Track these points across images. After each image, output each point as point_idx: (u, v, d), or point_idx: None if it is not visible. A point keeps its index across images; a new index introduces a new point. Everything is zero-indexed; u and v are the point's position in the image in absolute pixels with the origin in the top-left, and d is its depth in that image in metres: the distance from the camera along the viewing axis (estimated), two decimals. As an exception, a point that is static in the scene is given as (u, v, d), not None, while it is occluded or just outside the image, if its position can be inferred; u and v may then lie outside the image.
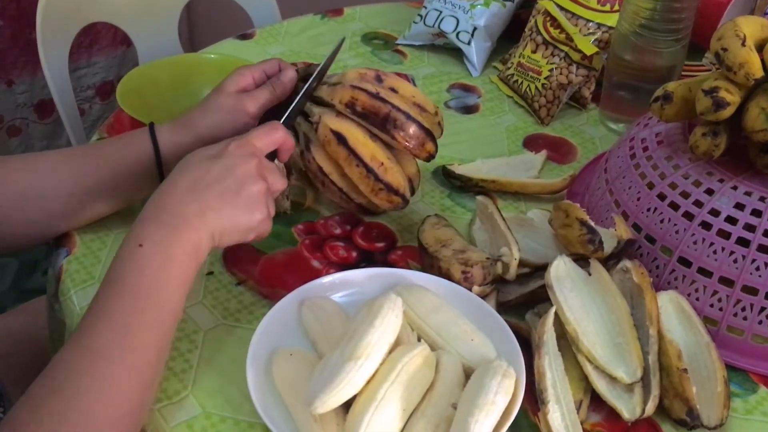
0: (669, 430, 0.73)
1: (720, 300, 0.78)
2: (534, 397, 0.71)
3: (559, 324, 0.74)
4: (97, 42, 2.13)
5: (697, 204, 0.79)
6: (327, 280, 0.81)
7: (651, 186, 0.83)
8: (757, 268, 0.76)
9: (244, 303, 0.83)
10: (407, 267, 0.87)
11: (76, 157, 0.84)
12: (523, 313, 0.80)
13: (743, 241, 0.76)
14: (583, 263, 0.79)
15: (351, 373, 0.66)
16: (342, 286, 0.81)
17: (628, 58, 1.03)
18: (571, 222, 0.79)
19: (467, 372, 0.71)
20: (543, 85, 1.10)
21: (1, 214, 0.81)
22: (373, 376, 0.67)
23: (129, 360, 0.65)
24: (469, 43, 1.20)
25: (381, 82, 0.86)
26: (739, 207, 0.77)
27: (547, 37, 1.12)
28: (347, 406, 0.67)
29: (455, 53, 1.24)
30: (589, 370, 0.72)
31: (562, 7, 1.12)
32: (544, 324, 0.73)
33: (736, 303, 0.77)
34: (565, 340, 0.74)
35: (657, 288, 0.79)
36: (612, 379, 0.72)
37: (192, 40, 2.20)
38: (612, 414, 0.72)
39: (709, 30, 0.84)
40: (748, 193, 0.78)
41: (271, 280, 0.85)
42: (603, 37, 1.09)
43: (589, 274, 0.78)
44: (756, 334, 0.78)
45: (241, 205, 0.72)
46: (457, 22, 1.21)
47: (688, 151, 0.82)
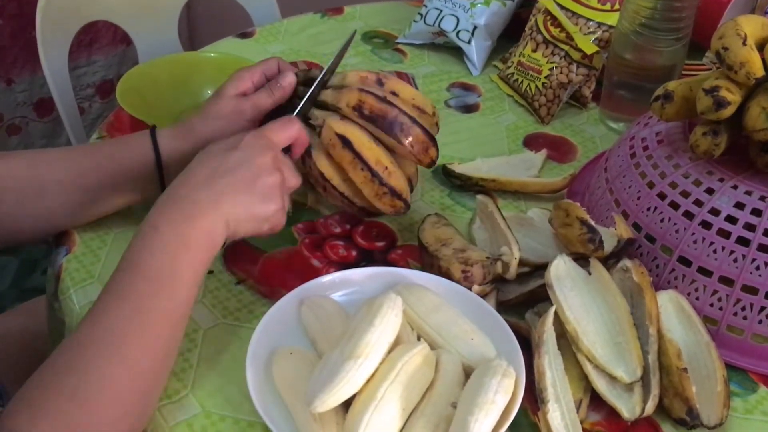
0: (669, 429, 0.73)
1: (720, 299, 0.78)
2: (534, 396, 0.71)
3: (558, 323, 0.74)
4: (96, 40, 2.13)
5: (697, 203, 0.79)
6: (327, 279, 0.81)
7: (651, 185, 0.82)
8: (757, 268, 0.76)
9: (243, 302, 0.83)
10: (407, 266, 0.87)
11: (77, 155, 0.84)
12: (523, 312, 0.80)
13: (743, 241, 0.76)
14: (583, 262, 0.79)
15: (351, 372, 0.66)
16: (342, 285, 0.81)
17: (628, 57, 1.03)
18: (571, 221, 0.79)
19: (467, 371, 0.71)
20: (543, 84, 1.10)
21: (3, 209, 0.81)
22: (372, 375, 0.67)
23: (141, 341, 0.65)
24: (469, 42, 1.20)
25: (382, 85, 0.86)
26: (740, 206, 0.77)
27: (547, 36, 1.12)
28: (347, 405, 0.67)
29: (455, 52, 1.23)
30: (588, 369, 0.72)
31: (562, 6, 1.12)
32: (544, 323, 0.73)
33: (736, 302, 0.77)
34: (565, 340, 0.74)
35: (657, 287, 0.79)
36: (612, 379, 0.72)
37: (192, 38, 2.20)
38: (612, 413, 0.72)
39: (709, 29, 0.84)
40: (749, 193, 0.78)
41: (270, 279, 0.85)
42: (603, 36, 1.09)
43: (589, 274, 0.78)
44: (756, 334, 0.78)
45: (257, 195, 0.72)
46: (458, 20, 1.20)
47: (688, 151, 0.82)
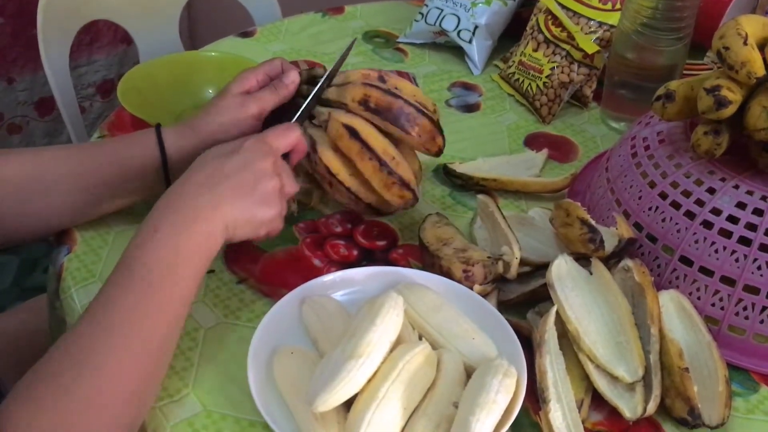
0: (670, 429, 0.73)
1: (721, 299, 0.78)
2: (535, 396, 0.71)
3: (560, 323, 0.74)
4: (97, 40, 2.13)
5: (699, 203, 0.79)
6: (328, 278, 0.81)
7: (652, 185, 0.82)
8: (759, 268, 0.76)
9: (245, 301, 0.83)
10: (408, 266, 0.87)
11: (82, 153, 0.85)
12: (524, 312, 0.80)
13: (745, 240, 0.76)
14: (584, 262, 0.79)
15: (352, 372, 0.66)
16: (343, 284, 0.81)
17: (629, 57, 1.03)
18: (572, 221, 0.79)
19: (468, 371, 0.71)
20: (544, 83, 1.10)
21: (5, 206, 0.81)
22: (374, 375, 0.67)
23: (133, 342, 0.66)
24: (470, 41, 1.20)
25: (384, 82, 0.86)
26: (741, 206, 0.77)
27: (548, 35, 1.12)
28: (348, 404, 0.67)
29: (456, 51, 1.23)
30: (590, 369, 0.72)
31: (563, 6, 1.12)
32: (546, 323, 0.73)
33: (738, 302, 0.77)
34: (567, 339, 0.74)
35: (658, 287, 0.79)
36: (613, 378, 0.72)
37: (193, 38, 2.20)
38: (613, 413, 0.72)
39: (710, 29, 0.84)
40: (750, 192, 0.78)
41: (272, 279, 0.85)
42: (604, 36, 1.08)
43: (591, 273, 0.78)
44: (757, 334, 0.78)
45: (257, 199, 0.72)
46: (459, 20, 1.20)
47: (689, 150, 0.82)
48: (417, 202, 0.88)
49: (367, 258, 0.89)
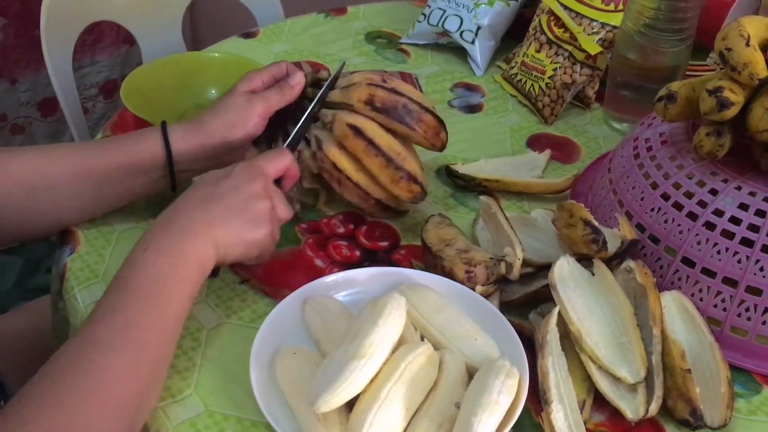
0: (672, 430, 0.73)
1: (724, 300, 0.78)
2: (537, 396, 0.71)
3: (562, 324, 0.74)
4: (100, 40, 2.13)
5: (701, 204, 0.79)
6: (330, 279, 0.81)
7: (655, 186, 0.82)
8: (761, 269, 0.76)
9: (247, 301, 0.83)
10: (410, 266, 0.87)
11: (87, 150, 0.85)
12: (527, 312, 0.80)
13: (747, 242, 0.76)
14: (586, 263, 0.79)
15: (354, 373, 0.66)
16: (345, 285, 0.81)
17: (632, 58, 1.03)
18: (575, 222, 0.79)
19: (470, 371, 0.71)
20: (547, 84, 1.10)
21: (11, 203, 0.82)
22: (376, 376, 0.67)
23: (128, 353, 0.66)
24: (472, 42, 1.20)
25: (387, 83, 0.87)
26: (743, 207, 0.77)
27: (551, 36, 1.12)
28: (350, 405, 0.67)
29: (459, 52, 1.23)
30: (592, 370, 0.72)
31: (566, 7, 1.12)
32: (548, 324, 0.73)
33: (740, 303, 0.77)
34: (569, 340, 0.74)
35: (660, 288, 0.79)
36: (615, 379, 0.72)
37: (195, 38, 2.20)
38: (615, 414, 0.72)
39: (713, 30, 0.84)
40: (752, 194, 0.78)
41: (274, 279, 0.85)
42: (607, 37, 1.09)
43: (593, 274, 0.78)
44: (760, 335, 0.78)
45: (247, 220, 0.75)
46: (461, 21, 1.20)
47: (692, 151, 0.82)
48: (426, 195, 0.88)
49: (370, 259, 0.89)
